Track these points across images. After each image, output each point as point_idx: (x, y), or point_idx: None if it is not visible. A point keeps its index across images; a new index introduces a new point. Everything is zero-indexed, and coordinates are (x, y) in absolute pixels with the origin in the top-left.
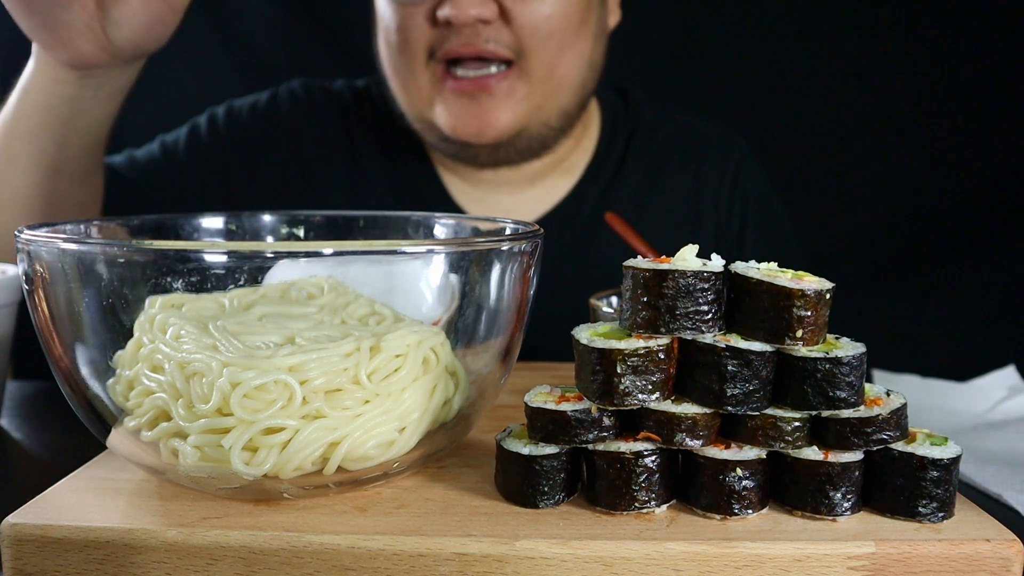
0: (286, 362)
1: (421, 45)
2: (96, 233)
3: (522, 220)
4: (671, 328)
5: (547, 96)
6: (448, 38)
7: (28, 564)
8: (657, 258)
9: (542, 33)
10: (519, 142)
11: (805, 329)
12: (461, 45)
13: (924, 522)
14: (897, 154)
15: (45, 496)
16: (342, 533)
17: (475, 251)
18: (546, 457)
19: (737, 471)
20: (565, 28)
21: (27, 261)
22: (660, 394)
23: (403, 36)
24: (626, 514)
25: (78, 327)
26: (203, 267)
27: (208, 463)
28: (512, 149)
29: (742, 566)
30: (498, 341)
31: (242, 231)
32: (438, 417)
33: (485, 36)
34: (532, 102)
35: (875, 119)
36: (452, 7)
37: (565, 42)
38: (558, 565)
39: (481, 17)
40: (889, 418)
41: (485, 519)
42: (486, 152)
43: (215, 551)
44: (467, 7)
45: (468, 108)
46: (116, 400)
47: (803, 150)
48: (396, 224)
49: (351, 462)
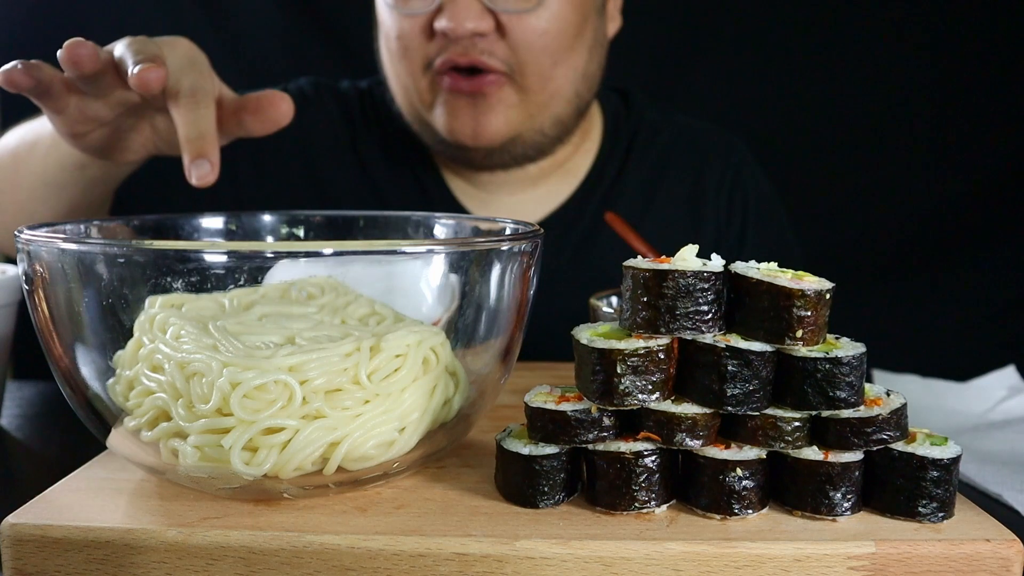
0: (286, 362)
1: (419, 54)
2: (96, 233)
3: (522, 220)
4: (671, 328)
5: (540, 106)
6: (445, 49)
7: (28, 564)
8: (657, 258)
9: (536, 48)
10: (513, 148)
11: (805, 329)
12: (458, 55)
13: (924, 522)
14: (897, 155)
15: (45, 496)
16: (342, 533)
17: (475, 251)
18: (546, 457)
19: (737, 471)
20: (559, 43)
21: (27, 261)
22: (660, 394)
23: (402, 44)
24: (626, 514)
25: (78, 327)
26: (203, 267)
27: (208, 463)
28: (507, 155)
29: (742, 566)
30: (498, 341)
31: (242, 231)
32: (438, 417)
33: (480, 48)
34: (525, 111)
35: (875, 120)
36: (449, 20)
37: (559, 56)
38: (558, 565)
39: (477, 30)
40: (889, 418)
41: (485, 519)
42: (481, 155)
43: (215, 551)
44: (463, 20)
45: (465, 111)
46: (116, 400)
47: (803, 151)
48: (396, 224)
49: (351, 462)
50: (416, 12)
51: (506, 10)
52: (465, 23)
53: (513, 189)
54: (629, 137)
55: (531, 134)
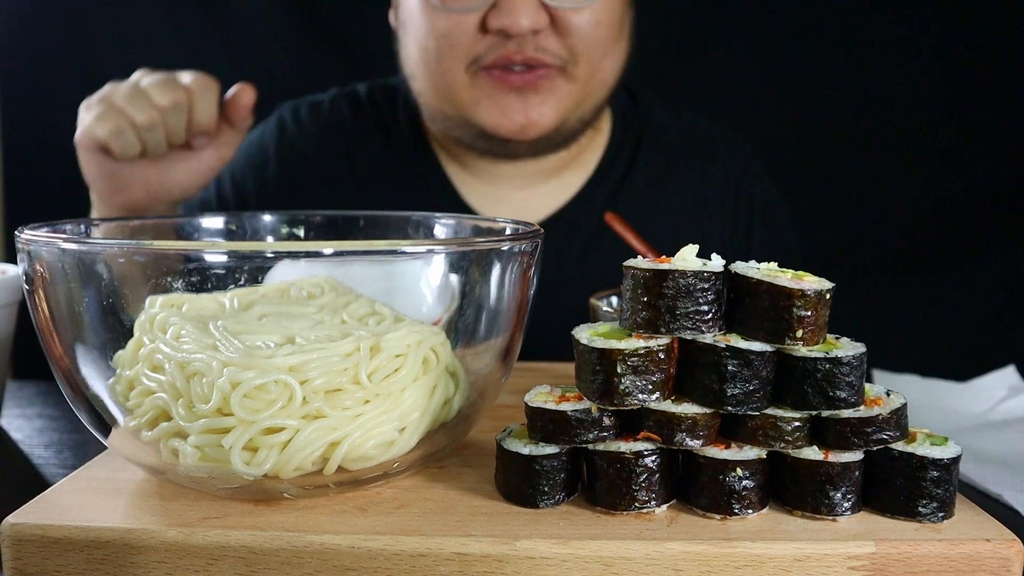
0: (286, 362)
1: (465, 51)
2: (96, 233)
3: (523, 221)
4: (671, 328)
5: (587, 95)
6: (496, 46)
7: (28, 564)
8: (657, 258)
9: (591, 41)
10: (556, 136)
11: (805, 329)
12: (511, 52)
13: (924, 522)
14: (898, 155)
15: (45, 496)
16: (342, 533)
17: (475, 251)
18: (546, 457)
19: (737, 471)
20: (611, 34)
21: (27, 261)
22: (660, 394)
23: (447, 42)
24: (626, 514)
25: (78, 327)
26: (203, 267)
27: (208, 463)
28: (548, 143)
29: (742, 566)
30: (498, 341)
31: (242, 231)
32: (438, 417)
33: (535, 44)
34: (573, 100)
35: (876, 120)
36: (507, 17)
37: (609, 47)
38: (558, 565)
39: (535, 27)
40: (889, 418)
41: (485, 519)
42: (524, 146)
43: (215, 551)
44: (521, 17)
45: (514, 105)
46: (116, 400)
47: (804, 151)
48: (396, 224)
49: (351, 462)
50: (468, 9)
51: (561, 5)
52: (522, 20)
53: (521, 183)
54: (637, 135)
55: (574, 122)
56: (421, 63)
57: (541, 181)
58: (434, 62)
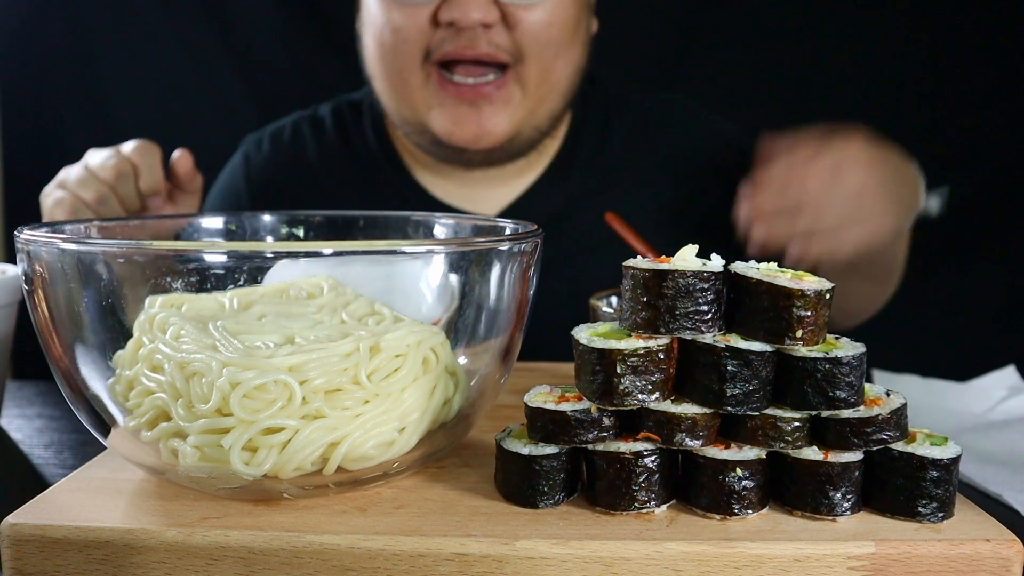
0: (286, 362)
1: (418, 46)
2: (96, 233)
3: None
4: (671, 328)
5: (540, 101)
6: (447, 40)
7: (28, 564)
8: (657, 258)
9: (541, 40)
10: (511, 146)
11: (805, 329)
12: (462, 47)
13: (924, 522)
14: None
15: (45, 496)
16: (342, 533)
17: (475, 251)
18: (546, 457)
19: (737, 471)
20: (563, 35)
21: (27, 261)
22: (660, 394)
23: (400, 36)
24: (626, 514)
25: (78, 327)
26: (203, 267)
27: (208, 463)
28: (503, 152)
29: (742, 566)
30: (498, 341)
31: (242, 231)
32: (438, 417)
33: (485, 39)
34: (526, 107)
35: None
36: (457, 10)
37: (561, 49)
38: (558, 565)
39: (484, 21)
40: (889, 418)
41: (485, 519)
42: (479, 156)
43: (215, 551)
44: (471, 10)
45: (467, 115)
46: (116, 400)
47: None
48: (396, 224)
49: (351, 462)
50: (420, 3)
51: (512, 1)
52: (473, 13)
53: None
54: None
55: (528, 131)
56: (378, 59)
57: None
58: (390, 57)
